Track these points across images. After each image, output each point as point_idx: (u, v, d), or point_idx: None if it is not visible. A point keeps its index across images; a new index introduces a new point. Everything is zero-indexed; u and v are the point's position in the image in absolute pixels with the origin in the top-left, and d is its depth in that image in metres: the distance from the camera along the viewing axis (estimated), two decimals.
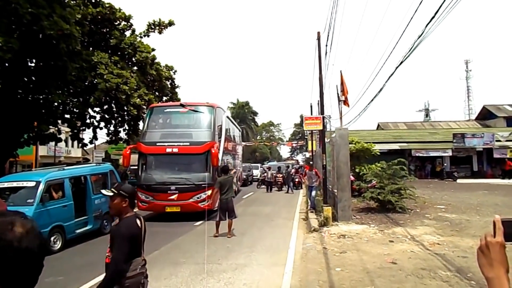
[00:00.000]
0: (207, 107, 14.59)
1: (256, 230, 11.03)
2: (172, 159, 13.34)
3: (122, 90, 16.66)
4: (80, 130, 19.99)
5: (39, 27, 12.17)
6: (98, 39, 18.50)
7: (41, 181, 8.85)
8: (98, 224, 10.63)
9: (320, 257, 7.68)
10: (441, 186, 24.02)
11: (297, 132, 79.36)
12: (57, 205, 9.07)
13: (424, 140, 32.08)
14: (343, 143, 12.02)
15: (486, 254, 1.12)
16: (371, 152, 19.56)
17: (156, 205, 13.02)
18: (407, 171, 14.52)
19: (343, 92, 13.22)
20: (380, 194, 13.03)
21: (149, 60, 19.66)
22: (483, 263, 1.13)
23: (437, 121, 43.86)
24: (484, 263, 1.13)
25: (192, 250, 8.61)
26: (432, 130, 35.49)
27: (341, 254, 7.79)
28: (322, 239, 9.26)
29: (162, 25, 20.04)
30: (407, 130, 35.92)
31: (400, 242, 8.65)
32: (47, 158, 33.88)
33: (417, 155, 31.41)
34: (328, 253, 7.88)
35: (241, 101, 71.45)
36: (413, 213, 12.92)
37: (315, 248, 8.38)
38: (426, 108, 62.40)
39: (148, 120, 14.47)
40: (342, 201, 11.61)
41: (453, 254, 7.48)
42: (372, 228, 10.40)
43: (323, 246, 8.50)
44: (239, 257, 7.90)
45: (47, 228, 8.56)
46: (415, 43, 8.62)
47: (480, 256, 1.14)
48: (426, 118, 58.68)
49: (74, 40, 13.62)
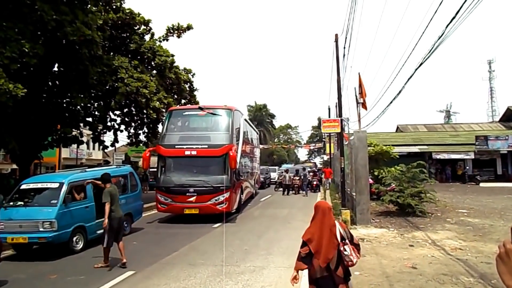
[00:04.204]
0: (225, 110, 14.68)
1: (273, 232, 11.03)
2: (191, 162, 13.46)
3: (142, 94, 16.92)
4: (101, 132, 20.40)
5: (62, 33, 12.49)
6: (119, 44, 18.88)
7: (64, 183, 9.02)
8: None
9: None
10: (463, 189, 23.47)
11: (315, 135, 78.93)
12: (79, 206, 9.23)
13: (445, 143, 31.39)
14: (362, 145, 11.92)
15: (505, 261, 1.10)
16: (390, 154, 19.33)
17: (174, 207, 13.15)
18: (427, 174, 14.28)
19: (361, 94, 13.11)
20: (400, 198, 12.86)
21: (168, 64, 19.90)
22: (502, 271, 1.11)
23: (458, 123, 42.89)
24: (504, 271, 1.10)
25: (210, 252, 8.66)
26: (453, 132, 34.68)
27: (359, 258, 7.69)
28: None
29: (180, 29, 20.29)
30: (427, 133, 35.24)
31: (420, 247, 8.50)
32: (70, 160, 34.82)
33: (437, 158, 30.78)
34: None
35: (258, 103, 71.62)
36: (434, 217, 12.68)
37: None
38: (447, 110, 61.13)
39: (167, 123, 14.65)
40: (361, 204, 11.50)
41: (476, 260, 7.31)
42: (392, 232, 10.26)
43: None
44: (256, 260, 7.91)
45: (69, 229, 8.77)
46: (435, 44, 8.50)
47: (500, 263, 1.12)
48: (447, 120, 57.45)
49: (96, 45, 13.92)
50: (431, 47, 8.72)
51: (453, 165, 31.85)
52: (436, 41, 8.42)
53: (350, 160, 13.00)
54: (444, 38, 8.09)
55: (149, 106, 17.64)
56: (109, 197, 7.53)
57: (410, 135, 34.38)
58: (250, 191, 20.03)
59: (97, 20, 14.47)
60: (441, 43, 8.31)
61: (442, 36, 8.06)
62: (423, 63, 9.44)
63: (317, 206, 3.99)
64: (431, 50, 8.79)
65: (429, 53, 8.94)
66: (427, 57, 9.12)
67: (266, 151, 57.90)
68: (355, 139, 12.21)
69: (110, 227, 7.45)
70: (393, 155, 19.50)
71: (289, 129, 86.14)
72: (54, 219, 8.40)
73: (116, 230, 7.59)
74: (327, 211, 3.87)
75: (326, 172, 27.57)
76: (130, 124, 20.72)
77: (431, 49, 8.76)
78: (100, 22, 15.15)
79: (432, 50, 8.75)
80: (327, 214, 3.85)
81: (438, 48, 8.60)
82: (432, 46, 8.66)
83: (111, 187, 7.83)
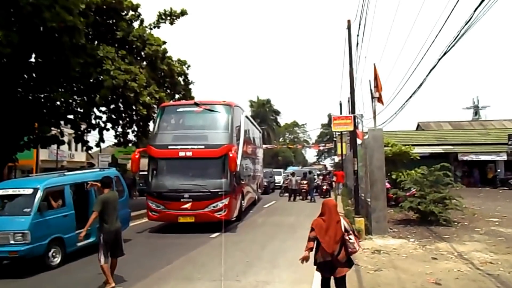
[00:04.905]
0: (224, 106, 14.70)
1: (278, 243, 11.04)
2: (186, 164, 13.48)
3: (130, 88, 16.94)
4: (85, 131, 20.46)
5: (40, 19, 12.51)
6: (104, 32, 18.89)
7: (39, 188, 8.83)
8: None
9: (351, 274, 7.57)
10: (494, 195, 23.43)
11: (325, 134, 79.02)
12: (57, 215, 9.02)
13: (473, 142, 31.32)
14: (377, 145, 11.92)
15: None
16: (410, 156, 19.32)
17: (167, 214, 13.18)
18: (452, 177, 14.26)
19: (377, 88, 13.10)
20: (421, 204, 12.84)
21: (160, 54, 19.93)
22: None
23: (488, 120, 42.80)
24: None
25: (207, 265, 8.68)
26: (482, 130, 34.62)
27: (375, 272, 7.71)
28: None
29: (173, 15, 20.31)
30: (453, 131, 35.20)
31: (445, 260, 8.50)
32: (49, 162, 34.94)
33: (464, 159, 30.72)
34: (360, 270, 7.81)
35: (261, 98, 71.82)
36: (460, 226, 12.67)
37: None
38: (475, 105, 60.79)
39: (159, 121, 14.69)
40: (376, 212, 11.49)
41: (509, 275, 7.28)
42: (412, 243, 10.26)
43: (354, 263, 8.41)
44: (259, 273, 7.92)
45: (45, 241, 8.56)
46: (461, 30, 8.47)
47: None
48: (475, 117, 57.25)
49: (78, 32, 13.95)
50: (457, 33, 8.70)
51: (483, 167, 31.77)
52: (462, 26, 8.40)
53: (365, 162, 12.99)
54: (472, 24, 8.07)
55: (139, 102, 17.66)
56: (101, 205, 7.13)
57: (433, 133, 34.35)
58: (252, 196, 20.05)
59: (79, 4, 14.47)
60: (469, 29, 8.29)
61: (470, 21, 8.03)
62: (447, 52, 9.42)
63: (324, 203, 5.41)
64: (457, 37, 8.78)
65: (454, 40, 8.93)
66: (452, 45, 9.10)
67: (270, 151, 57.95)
68: (370, 138, 12.20)
69: (105, 242, 7.07)
70: (413, 156, 19.48)
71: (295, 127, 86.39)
72: (27, 230, 8.19)
73: (112, 245, 7.16)
74: (333, 209, 5.26)
75: (338, 175, 27.55)
76: (117, 122, 20.77)
77: (457, 36, 8.75)
78: (83, 7, 15.15)
79: (458, 37, 8.73)
80: (333, 211, 5.23)
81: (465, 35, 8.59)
82: (458, 33, 8.64)
83: (108, 193, 7.47)
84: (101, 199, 7.28)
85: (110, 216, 7.19)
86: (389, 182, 15.97)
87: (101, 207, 7.11)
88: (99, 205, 7.15)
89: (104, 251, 7.06)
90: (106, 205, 7.18)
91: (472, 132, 34.14)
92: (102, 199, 7.28)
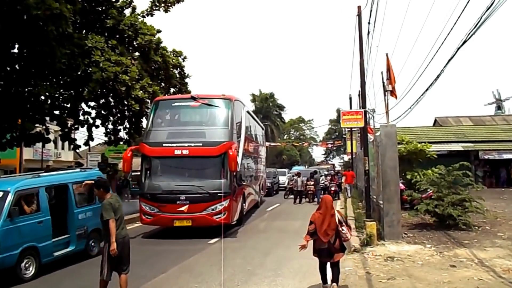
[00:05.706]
0: (223, 100, 14.72)
1: (282, 249, 11.06)
2: (182, 163, 13.53)
3: (122, 81, 16.93)
4: (72, 128, 20.46)
5: (23, 6, 12.52)
6: (92, 20, 18.88)
7: (10, 191, 8.58)
8: (82, 244, 10.29)
9: (362, 283, 7.62)
10: None
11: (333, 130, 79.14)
12: (30, 221, 8.83)
13: (496, 139, 31.19)
14: (390, 143, 11.90)
15: None
16: (426, 154, 19.30)
17: (162, 218, 13.22)
18: (472, 178, 14.26)
19: (390, 80, 13.10)
20: (438, 207, 12.83)
21: (154, 44, 19.92)
22: None
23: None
24: None
25: (205, 273, 8.71)
26: (505, 126, 34.49)
27: (388, 280, 7.72)
28: (364, 262, 9.22)
29: (168, 1, 20.29)
30: (473, 127, 35.09)
31: (464, 267, 8.49)
32: (34, 162, 35.06)
33: (486, 158, 30.65)
34: (372, 279, 7.83)
35: (264, 92, 71.77)
36: (481, 231, 12.65)
37: (356, 273, 8.34)
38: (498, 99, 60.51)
39: (152, 117, 14.72)
40: (390, 215, 11.49)
41: None
42: (428, 249, 10.26)
43: (366, 271, 8.45)
44: (262, 283, 7.95)
45: (16, 250, 8.36)
46: (482, 17, 8.45)
47: None
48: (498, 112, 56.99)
49: (65, 21, 13.94)
50: (477, 20, 8.67)
51: (506, 166, 31.67)
52: (483, 13, 8.38)
53: (376, 161, 12.98)
54: (494, 10, 8.05)
55: (131, 96, 17.67)
56: (112, 211, 6.78)
57: (451, 130, 34.23)
58: (254, 198, 20.10)
59: None
60: (490, 15, 8.27)
61: (491, 7, 8.01)
62: (467, 41, 9.40)
63: (323, 199, 7.51)
64: (477, 25, 8.75)
65: (474, 28, 8.90)
66: (473, 33, 9.08)
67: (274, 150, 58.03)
68: (382, 135, 12.18)
69: (109, 253, 6.69)
70: (430, 155, 19.46)
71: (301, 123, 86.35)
72: None
73: (118, 257, 6.75)
74: (329, 204, 7.16)
75: (347, 176, 27.49)
76: (107, 118, 20.76)
77: (477, 24, 8.72)
78: None
79: (479, 24, 8.70)
80: (329, 206, 7.10)
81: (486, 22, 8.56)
82: (478, 20, 8.61)
83: (111, 197, 7.09)
84: (109, 204, 6.88)
85: (116, 223, 6.89)
86: (403, 183, 15.95)
87: (113, 213, 6.78)
88: (110, 210, 6.79)
89: (108, 264, 6.76)
90: (115, 211, 6.88)
91: (494, 128, 34.03)
92: (110, 203, 6.90)
